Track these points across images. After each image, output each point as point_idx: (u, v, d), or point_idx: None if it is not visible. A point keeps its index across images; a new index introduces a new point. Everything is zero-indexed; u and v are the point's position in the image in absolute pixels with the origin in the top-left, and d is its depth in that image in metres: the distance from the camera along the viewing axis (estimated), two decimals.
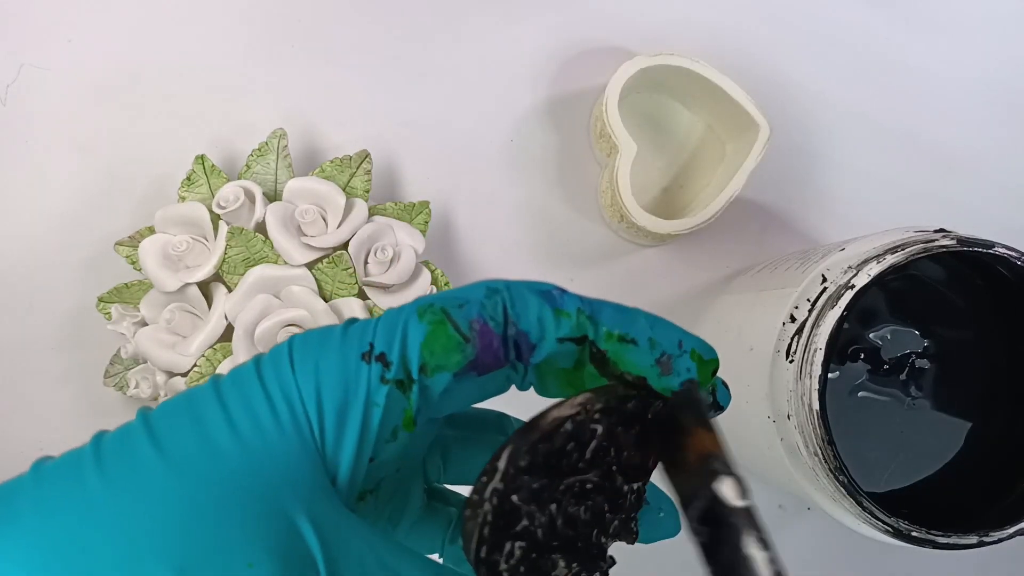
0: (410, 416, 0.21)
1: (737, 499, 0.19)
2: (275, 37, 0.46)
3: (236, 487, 0.19)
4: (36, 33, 0.46)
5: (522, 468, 0.20)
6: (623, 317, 0.22)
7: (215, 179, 0.42)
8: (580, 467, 0.22)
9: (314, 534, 0.19)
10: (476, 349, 0.21)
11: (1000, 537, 0.30)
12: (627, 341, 0.22)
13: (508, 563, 0.21)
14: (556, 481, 0.21)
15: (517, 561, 0.21)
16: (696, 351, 0.23)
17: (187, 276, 0.40)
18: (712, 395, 0.24)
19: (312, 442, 0.20)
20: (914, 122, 0.47)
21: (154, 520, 0.18)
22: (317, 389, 0.20)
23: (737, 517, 0.19)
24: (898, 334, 0.36)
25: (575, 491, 0.22)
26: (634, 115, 0.46)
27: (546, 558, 0.22)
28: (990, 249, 0.30)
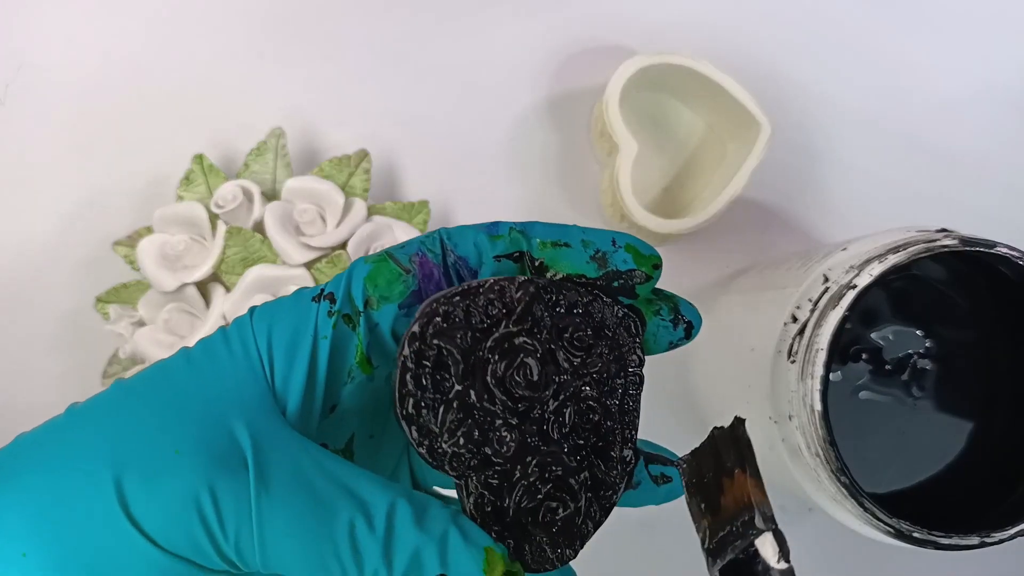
0: (362, 353, 0.21)
1: (779, 560, 0.18)
2: (274, 37, 0.46)
3: (179, 397, 0.20)
4: (36, 33, 0.45)
5: (442, 315, 0.20)
6: (555, 228, 0.23)
7: (213, 178, 0.42)
8: (506, 326, 0.21)
9: (247, 436, 0.19)
10: (417, 279, 0.22)
11: (1002, 538, 0.30)
12: (560, 245, 0.23)
13: (442, 425, 0.20)
14: (481, 337, 0.21)
15: (453, 424, 0.20)
16: (631, 245, 0.23)
17: (185, 276, 0.40)
18: (676, 311, 0.24)
19: (262, 373, 0.21)
20: (916, 122, 0.47)
21: (98, 427, 0.20)
22: (269, 328, 0.21)
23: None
24: (900, 334, 0.36)
25: (504, 348, 0.21)
26: (635, 114, 0.45)
27: (487, 426, 0.21)
28: (992, 249, 0.30)
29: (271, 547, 0.19)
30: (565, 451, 0.21)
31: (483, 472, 0.20)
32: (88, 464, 0.19)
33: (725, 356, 0.39)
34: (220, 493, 0.19)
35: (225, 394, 0.20)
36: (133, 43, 0.46)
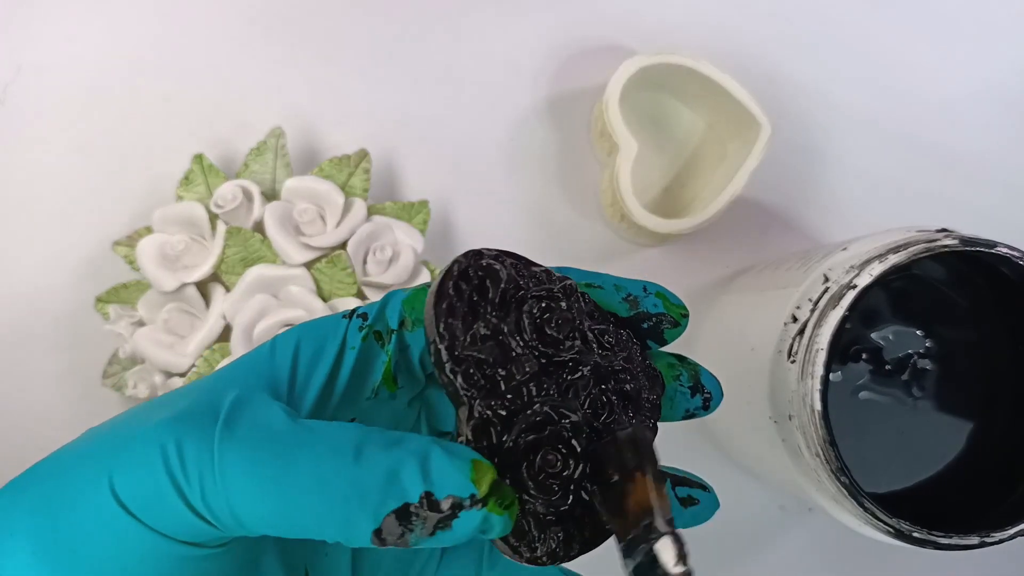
0: (389, 371, 0.22)
1: (675, 565, 0.19)
2: (273, 36, 0.46)
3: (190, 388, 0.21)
4: (36, 33, 0.45)
5: (495, 256, 0.21)
6: (589, 273, 0.24)
7: (213, 178, 0.42)
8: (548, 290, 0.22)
9: (231, 400, 0.19)
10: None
11: (1002, 538, 0.30)
12: (593, 287, 0.23)
13: (467, 331, 0.20)
14: (523, 285, 0.22)
15: (479, 337, 0.20)
16: (661, 292, 0.24)
17: (185, 276, 0.40)
18: (696, 380, 0.24)
19: (287, 373, 0.21)
20: (916, 121, 0.47)
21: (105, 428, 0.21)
22: (300, 335, 0.21)
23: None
24: (900, 334, 0.36)
25: (543, 298, 0.22)
26: (635, 114, 0.45)
27: (509, 351, 0.21)
28: (992, 249, 0.30)
29: (235, 491, 0.18)
30: (579, 411, 0.21)
31: (491, 399, 0.20)
32: (87, 459, 0.19)
33: (725, 356, 0.39)
34: (185, 443, 0.18)
35: (234, 380, 0.20)
36: (133, 43, 0.46)
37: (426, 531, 0.18)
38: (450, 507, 0.18)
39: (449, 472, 0.18)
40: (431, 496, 0.18)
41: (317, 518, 0.18)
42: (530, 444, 0.20)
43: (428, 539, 0.18)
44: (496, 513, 0.19)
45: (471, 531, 0.18)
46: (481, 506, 0.18)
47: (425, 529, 0.18)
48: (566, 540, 0.21)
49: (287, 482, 0.18)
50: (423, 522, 0.18)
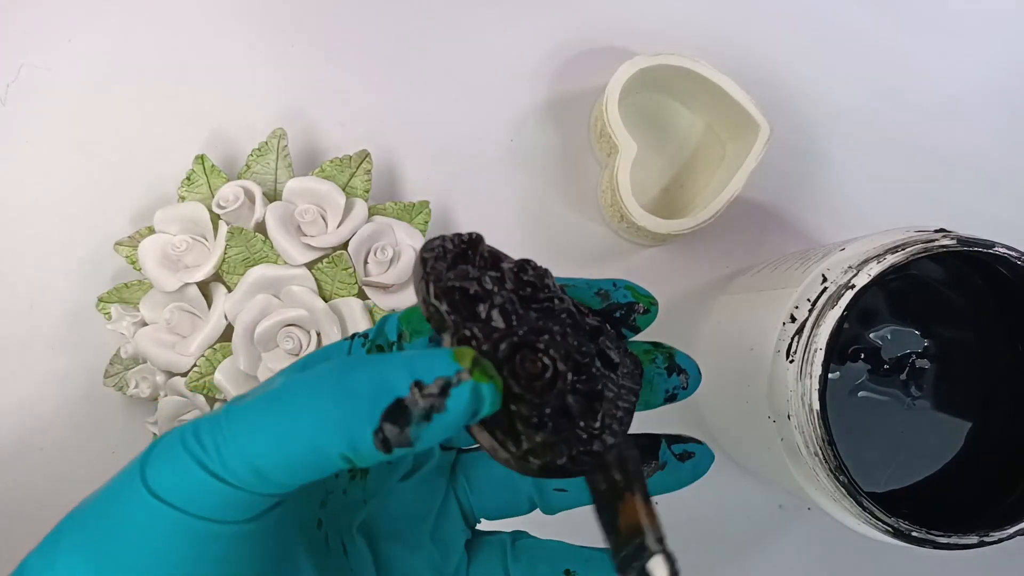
0: None
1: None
2: (275, 37, 0.46)
3: None
4: (36, 33, 0.46)
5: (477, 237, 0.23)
6: (562, 279, 0.25)
7: (215, 179, 0.42)
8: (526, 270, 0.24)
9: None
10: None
11: (1000, 537, 0.30)
12: (567, 286, 0.25)
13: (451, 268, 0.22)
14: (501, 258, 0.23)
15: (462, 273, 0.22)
16: (630, 285, 0.26)
17: (187, 276, 0.40)
18: (671, 361, 0.26)
19: None
20: (914, 122, 0.47)
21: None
22: (304, 362, 0.23)
23: None
24: (898, 334, 0.36)
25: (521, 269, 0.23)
26: (634, 115, 0.46)
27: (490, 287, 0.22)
28: (990, 249, 0.30)
29: (245, 441, 0.19)
30: (556, 334, 0.22)
31: (472, 321, 0.21)
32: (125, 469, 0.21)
33: (724, 356, 0.39)
34: (200, 425, 0.20)
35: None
36: (134, 43, 0.46)
37: (424, 417, 0.19)
38: (439, 389, 0.19)
39: (432, 359, 0.19)
40: (420, 383, 0.19)
41: (318, 433, 0.19)
42: (509, 352, 0.21)
43: (427, 427, 0.19)
44: (483, 381, 0.19)
45: (464, 406, 0.19)
46: (468, 377, 0.19)
47: (421, 416, 0.19)
48: (552, 445, 0.21)
49: (286, 410, 0.19)
50: (418, 411, 0.19)
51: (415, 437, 0.19)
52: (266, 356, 0.39)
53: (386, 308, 0.40)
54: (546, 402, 0.21)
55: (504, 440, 0.20)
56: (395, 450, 0.19)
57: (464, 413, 0.19)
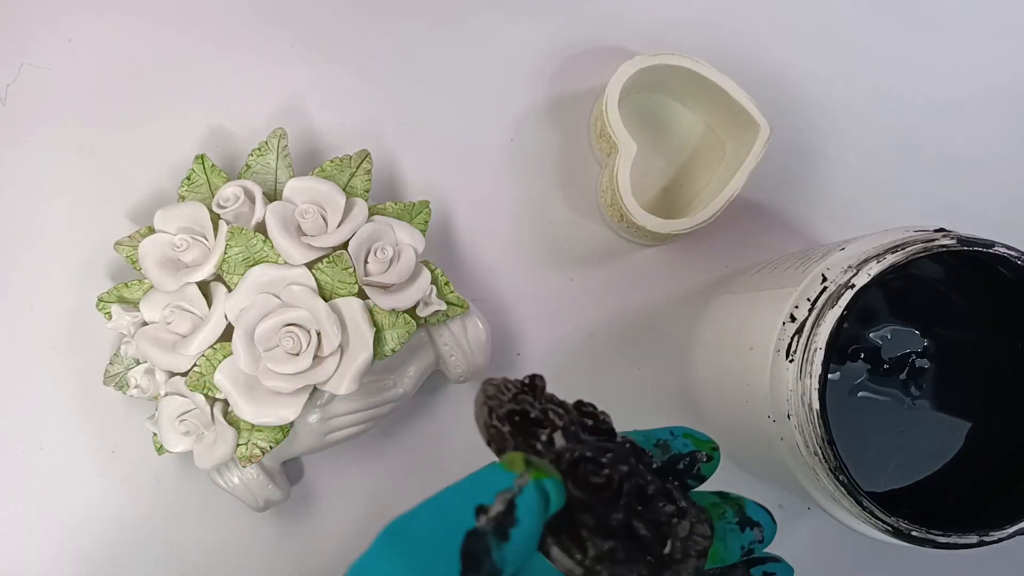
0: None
1: None
2: (275, 37, 0.46)
3: None
4: (36, 33, 0.46)
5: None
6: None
7: (215, 179, 0.42)
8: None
9: None
10: None
11: (1000, 537, 0.30)
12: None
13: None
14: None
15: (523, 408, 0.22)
16: (688, 432, 0.25)
17: (187, 276, 0.40)
18: (742, 514, 0.24)
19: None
20: (914, 122, 0.47)
21: None
22: None
23: None
24: (898, 334, 0.36)
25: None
26: (634, 115, 0.46)
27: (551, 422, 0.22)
28: (990, 248, 0.30)
29: None
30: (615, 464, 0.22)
31: (538, 441, 0.21)
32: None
33: (724, 355, 0.39)
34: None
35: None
36: (134, 43, 0.46)
37: (501, 537, 0.18)
38: (505, 504, 0.18)
39: (486, 480, 0.19)
40: (483, 506, 0.18)
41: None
42: (572, 463, 0.21)
43: (509, 546, 0.18)
44: (544, 477, 0.19)
45: (535, 507, 0.19)
46: (527, 480, 0.19)
47: (499, 536, 0.18)
48: (618, 558, 0.20)
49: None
50: (493, 532, 0.18)
51: (501, 560, 0.18)
52: (266, 356, 0.39)
53: (386, 308, 0.40)
54: (613, 512, 0.20)
55: (570, 548, 0.20)
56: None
57: (536, 515, 0.18)
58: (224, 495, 0.43)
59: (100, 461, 0.43)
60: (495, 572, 0.18)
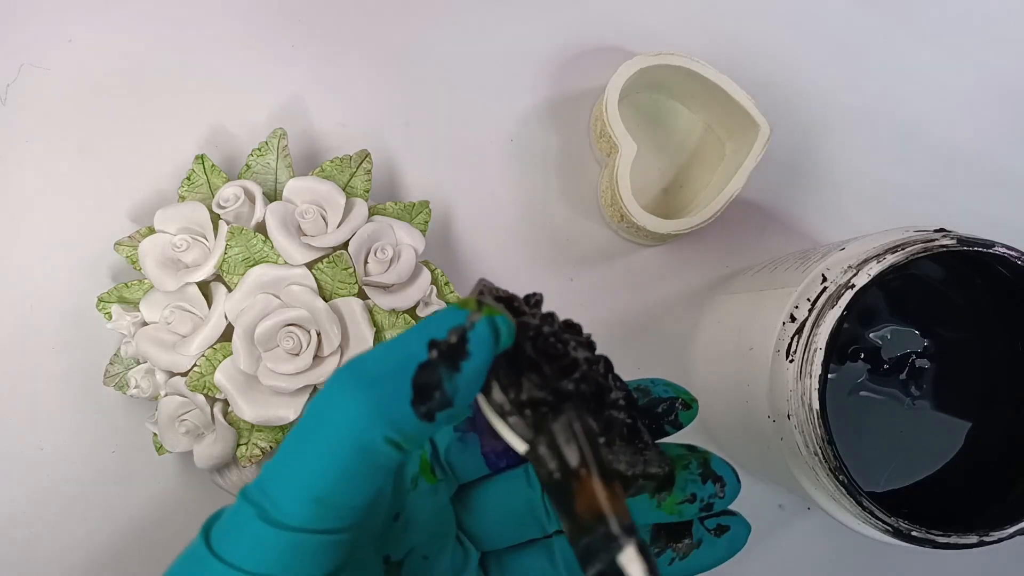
0: (426, 461, 0.24)
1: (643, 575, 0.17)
2: (275, 36, 0.46)
3: None
4: (36, 33, 0.46)
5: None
6: None
7: (215, 179, 0.42)
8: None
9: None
10: (473, 409, 0.24)
11: (1000, 537, 0.30)
12: None
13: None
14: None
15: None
16: (669, 383, 0.26)
17: (187, 276, 0.40)
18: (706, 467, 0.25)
19: None
20: (914, 122, 0.47)
21: None
22: None
23: None
24: (898, 334, 0.36)
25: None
26: (634, 115, 0.46)
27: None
28: (990, 249, 0.30)
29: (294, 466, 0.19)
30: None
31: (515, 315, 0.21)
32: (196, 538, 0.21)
33: (724, 355, 0.39)
34: (257, 478, 0.20)
35: None
36: (134, 43, 0.46)
37: (453, 368, 0.19)
38: (457, 337, 0.19)
39: (440, 317, 0.20)
40: (435, 341, 0.19)
41: (358, 428, 0.19)
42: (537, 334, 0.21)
43: (460, 377, 0.19)
44: (494, 313, 0.20)
45: (486, 342, 0.19)
46: (479, 316, 0.19)
47: (450, 368, 0.19)
48: (548, 403, 0.20)
49: (321, 424, 0.19)
50: (445, 363, 0.19)
51: (452, 391, 0.19)
52: (266, 356, 0.39)
53: (386, 308, 0.40)
54: (562, 379, 0.21)
55: (508, 387, 0.20)
56: (438, 416, 0.19)
57: (487, 349, 0.19)
58: (224, 495, 0.43)
59: (100, 461, 0.43)
60: (446, 403, 0.19)
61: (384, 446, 0.19)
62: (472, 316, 0.19)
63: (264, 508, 0.19)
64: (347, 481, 0.19)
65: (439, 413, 0.19)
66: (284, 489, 0.19)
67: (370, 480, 0.19)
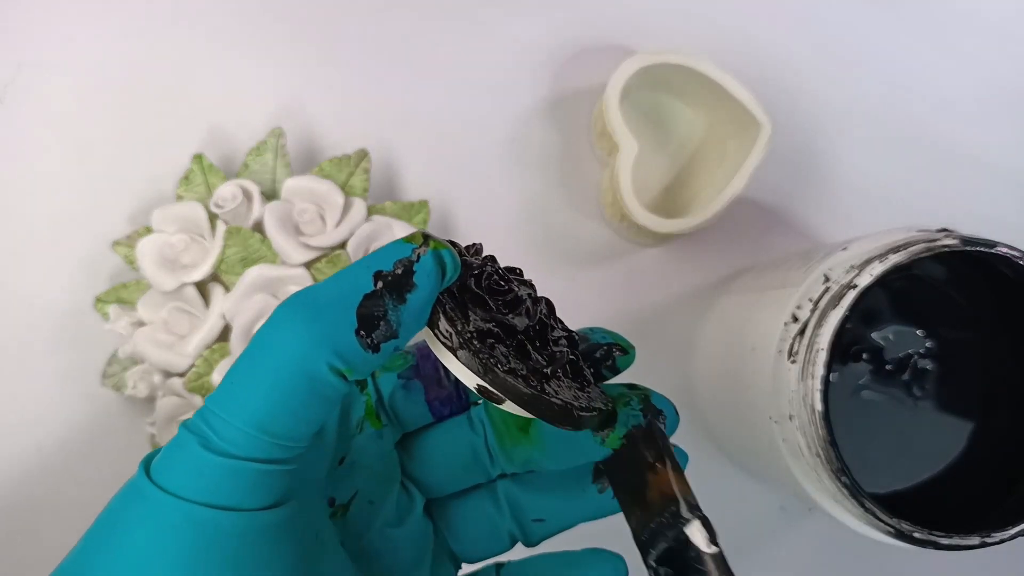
0: (371, 407, 0.24)
1: (708, 545, 0.20)
2: (273, 36, 0.46)
3: None
4: (36, 33, 0.45)
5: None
6: None
7: (213, 178, 0.42)
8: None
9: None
10: (416, 357, 0.25)
11: (1003, 538, 0.30)
12: None
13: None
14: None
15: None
16: (607, 330, 0.27)
17: (185, 276, 0.40)
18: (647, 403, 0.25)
19: None
20: (917, 121, 0.47)
21: None
22: None
23: (707, 563, 0.20)
24: (901, 334, 0.36)
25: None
26: (635, 114, 0.45)
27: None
28: (993, 249, 0.30)
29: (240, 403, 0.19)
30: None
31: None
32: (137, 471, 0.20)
33: (726, 356, 0.39)
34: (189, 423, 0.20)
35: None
36: (133, 43, 0.46)
37: (398, 300, 0.19)
38: (403, 269, 0.19)
39: (386, 250, 0.20)
40: (381, 272, 0.20)
41: (303, 355, 0.19)
42: (481, 272, 0.22)
43: (405, 308, 0.20)
44: (440, 247, 0.20)
45: (432, 274, 0.20)
46: (425, 249, 0.20)
47: (396, 299, 0.19)
48: (494, 334, 0.21)
49: (266, 352, 0.19)
50: (390, 294, 0.19)
51: (397, 322, 0.19)
52: None
53: None
54: (504, 313, 0.22)
55: (455, 319, 0.20)
56: (383, 347, 0.19)
57: (433, 281, 0.20)
58: None
59: (98, 461, 0.43)
60: (391, 334, 0.19)
61: (328, 375, 0.19)
62: (418, 249, 0.20)
63: (206, 436, 0.19)
64: (291, 409, 0.19)
65: (384, 344, 0.19)
66: (227, 416, 0.19)
67: (314, 410, 0.19)
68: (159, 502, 0.19)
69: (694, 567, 0.19)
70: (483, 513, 0.26)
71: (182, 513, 0.19)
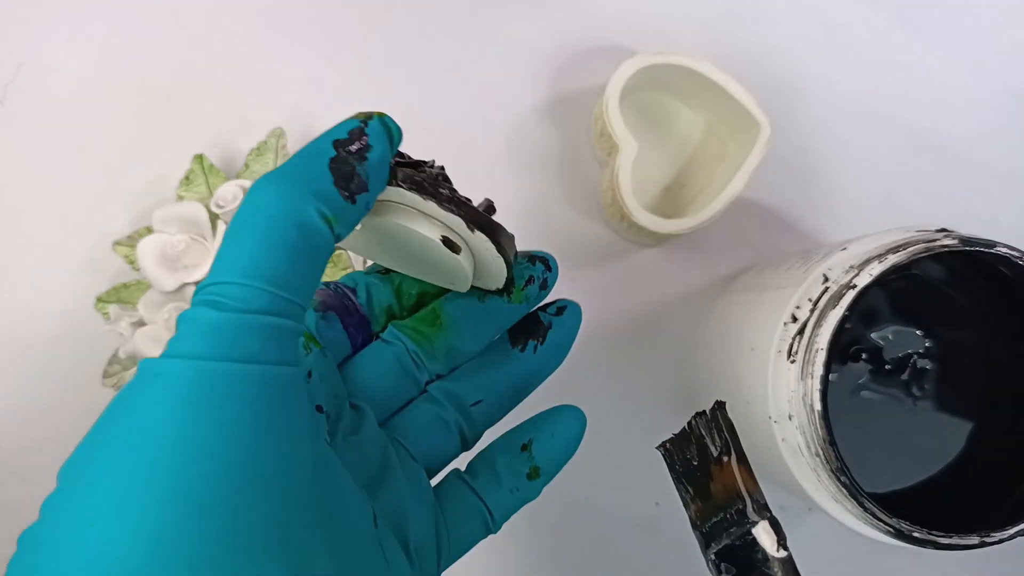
0: (309, 334, 0.27)
1: (777, 549, 0.19)
2: (274, 36, 0.46)
3: None
4: (36, 33, 0.45)
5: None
6: None
7: (213, 178, 0.42)
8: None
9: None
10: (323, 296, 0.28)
11: (1002, 537, 0.30)
12: None
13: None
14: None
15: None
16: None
17: (185, 276, 0.40)
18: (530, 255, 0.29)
19: None
20: (916, 121, 0.47)
21: None
22: None
23: (775, 567, 0.19)
24: (900, 334, 0.36)
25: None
26: (635, 114, 0.46)
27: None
28: (992, 249, 0.30)
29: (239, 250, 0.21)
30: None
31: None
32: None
33: (725, 356, 0.39)
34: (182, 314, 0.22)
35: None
36: (133, 43, 0.46)
37: (360, 158, 0.22)
38: (356, 135, 0.22)
39: (338, 125, 0.22)
40: (339, 140, 0.22)
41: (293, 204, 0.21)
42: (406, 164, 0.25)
43: (368, 164, 0.22)
44: (386, 117, 0.23)
45: (383, 134, 0.23)
46: (372, 116, 0.23)
47: (357, 157, 0.22)
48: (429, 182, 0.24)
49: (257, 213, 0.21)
50: (351, 154, 0.22)
51: (365, 175, 0.22)
52: None
53: None
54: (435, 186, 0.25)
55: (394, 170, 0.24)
56: (359, 198, 0.22)
57: (385, 142, 0.23)
58: None
59: None
60: (362, 187, 0.22)
61: (317, 222, 0.21)
62: (366, 120, 0.23)
63: (214, 300, 0.20)
64: (287, 255, 0.21)
65: (359, 196, 0.22)
66: (230, 275, 0.20)
67: (308, 259, 0.21)
68: (175, 369, 0.20)
69: (760, 569, 0.19)
70: (426, 412, 0.28)
71: (201, 371, 0.19)
